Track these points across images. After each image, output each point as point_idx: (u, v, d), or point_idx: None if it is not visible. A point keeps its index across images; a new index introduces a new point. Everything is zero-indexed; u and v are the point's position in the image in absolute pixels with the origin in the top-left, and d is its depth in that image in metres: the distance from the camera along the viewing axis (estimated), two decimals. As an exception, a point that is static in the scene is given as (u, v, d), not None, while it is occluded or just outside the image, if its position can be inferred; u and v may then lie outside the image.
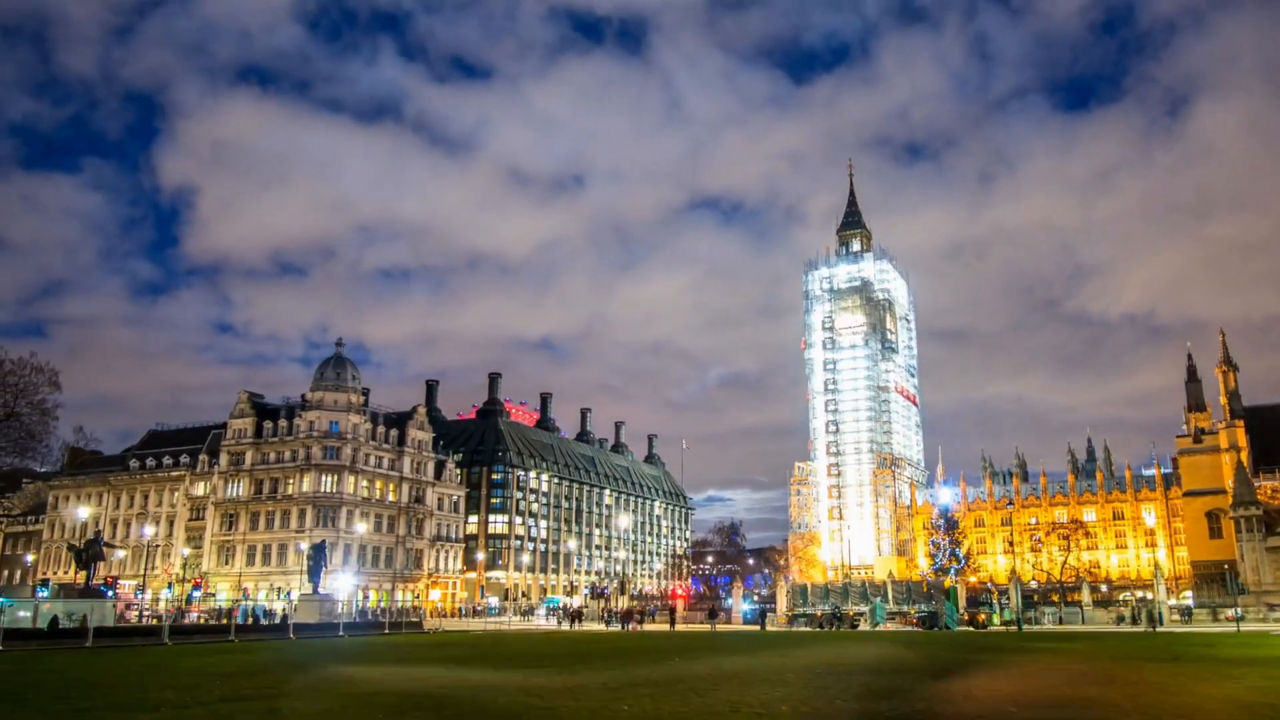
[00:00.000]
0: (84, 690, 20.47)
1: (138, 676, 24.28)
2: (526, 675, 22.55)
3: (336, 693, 19.13)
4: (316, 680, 22.26)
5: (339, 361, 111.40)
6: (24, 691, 20.06)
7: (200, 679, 22.82)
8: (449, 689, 19.27)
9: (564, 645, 40.48)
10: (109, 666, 28.55)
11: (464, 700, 17.12)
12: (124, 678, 24.36)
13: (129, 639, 43.23)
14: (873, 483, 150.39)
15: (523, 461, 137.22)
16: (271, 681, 21.96)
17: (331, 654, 34.13)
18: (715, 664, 26.32)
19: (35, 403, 51.76)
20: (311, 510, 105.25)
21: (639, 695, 17.14)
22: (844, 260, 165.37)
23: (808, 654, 31.01)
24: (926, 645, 38.39)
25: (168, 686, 20.49)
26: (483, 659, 30.91)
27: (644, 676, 21.32)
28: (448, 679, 22.07)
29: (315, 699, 17.93)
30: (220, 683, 21.66)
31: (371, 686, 20.36)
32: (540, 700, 16.80)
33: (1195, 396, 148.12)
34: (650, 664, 26.54)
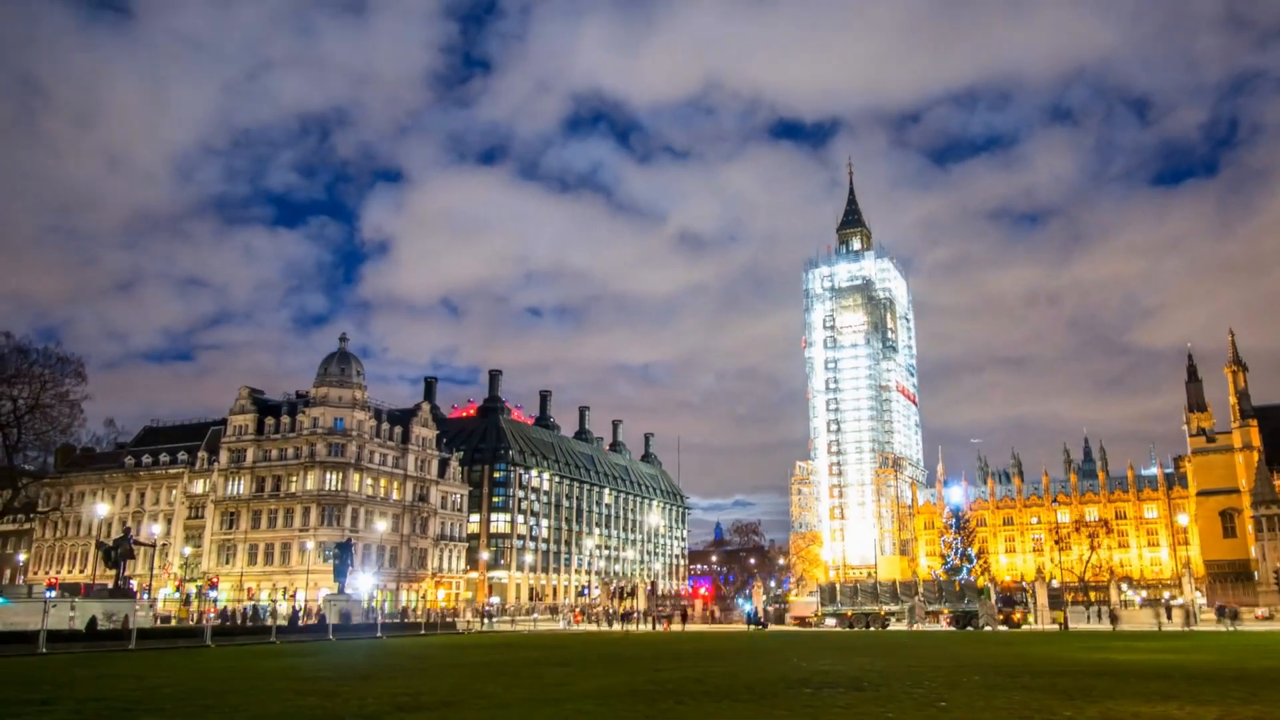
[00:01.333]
0: (215, 698, 18.87)
1: (246, 683, 22.68)
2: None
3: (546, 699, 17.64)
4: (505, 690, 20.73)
5: (343, 357, 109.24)
6: (157, 702, 18.44)
7: (322, 684, 21.28)
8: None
9: (669, 645, 39.09)
10: (193, 670, 26.89)
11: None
12: (229, 683, 22.75)
13: (171, 640, 41.41)
14: (875, 482, 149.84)
15: (524, 460, 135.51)
16: (440, 691, 20.43)
17: (416, 657, 32.55)
18: (864, 664, 25.04)
19: (60, 394, 49.67)
20: (316, 508, 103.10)
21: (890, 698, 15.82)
22: (844, 259, 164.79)
23: (933, 654, 29.77)
24: (1042, 644, 37.27)
25: (306, 693, 18.92)
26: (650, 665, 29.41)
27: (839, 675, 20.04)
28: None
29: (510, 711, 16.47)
30: (361, 688, 20.11)
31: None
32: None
33: (1196, 396, 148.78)
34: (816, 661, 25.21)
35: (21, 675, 25.93)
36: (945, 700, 15.31)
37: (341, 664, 27.76)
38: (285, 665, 26.83)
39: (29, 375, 48.18)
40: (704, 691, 17.65)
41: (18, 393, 47.78)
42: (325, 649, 37.35)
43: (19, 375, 48.11)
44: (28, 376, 48.14)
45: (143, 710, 16.46)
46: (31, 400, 48.21)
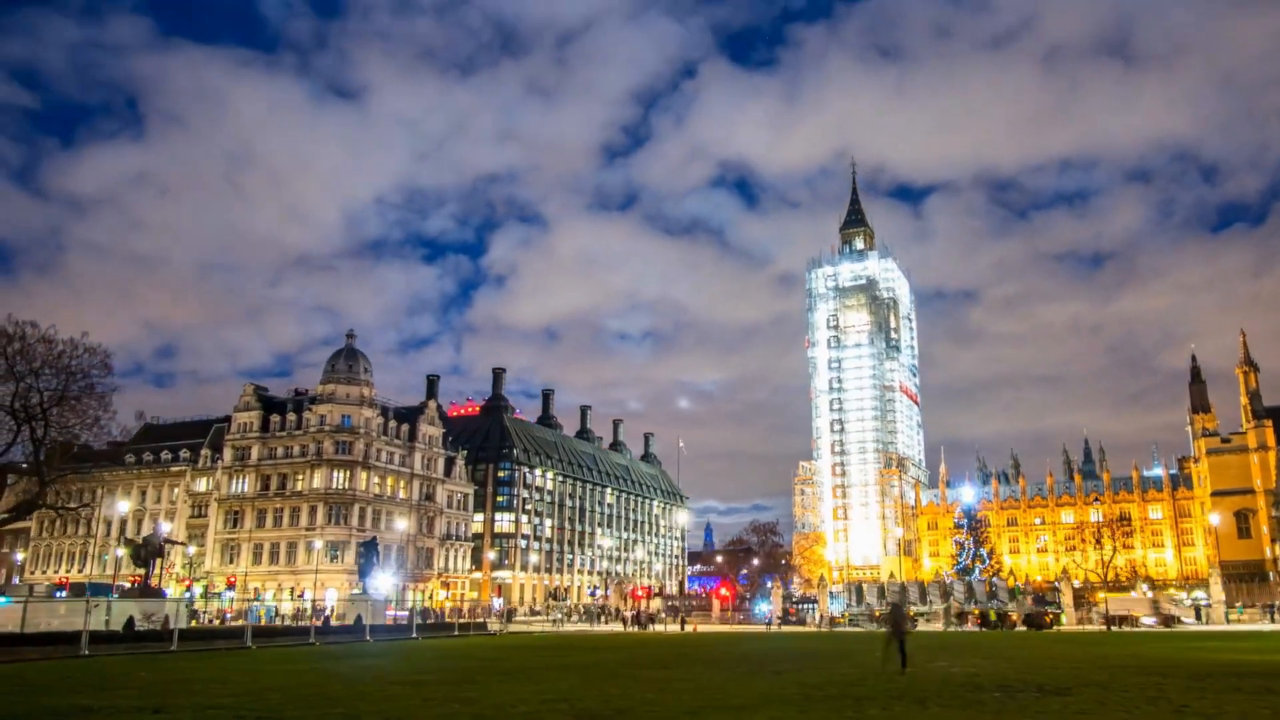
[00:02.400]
0: (335, 703, 17.41)
1: (345, 687, 21.21)
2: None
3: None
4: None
5: (350, 353, 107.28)
6: (278, 708, 16.97)
7: (435, 688, 19.84)
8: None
9: (732, 646, 37.76)
10: (270, 673, 25.37)
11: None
12: (325, 687, 21.29)
13: (211, 641, 39.74)
14: (879, 482, 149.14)
15: (528, 459, 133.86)
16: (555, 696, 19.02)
17: (489, 659, 31.07)
18: (1001, 667, 23.80)
19: (86, 387, 47.76)
20: (323, 507, 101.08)
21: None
22: (847, 258, 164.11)
23: (1041, 655, 28.58)
24: (1133, 644, 36.21)
25: (438, 700, 17.49)
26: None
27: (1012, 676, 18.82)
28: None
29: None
30: (492, 692, 18.68)
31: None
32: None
33: (1200, 397, 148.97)
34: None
35: (88, 678, 24.34)
36: (1188, 704, 14.07)
37: (423, 666, 26.35)
38: (361, 667, 25.44)
39: (55, 366, 46.35)
40: (888, 695, 16.35)
41: (44, 385, 45.93)
42: (376, 650, 35.91)
43: (45, 366, 46.25)
44: (54, 368, 46.30)
45: (278, 717, 15.01)
46: (58, 393, 46.37)
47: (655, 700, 16.49)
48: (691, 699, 16.70)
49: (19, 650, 32.61)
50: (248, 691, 19.96)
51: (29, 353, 45.94)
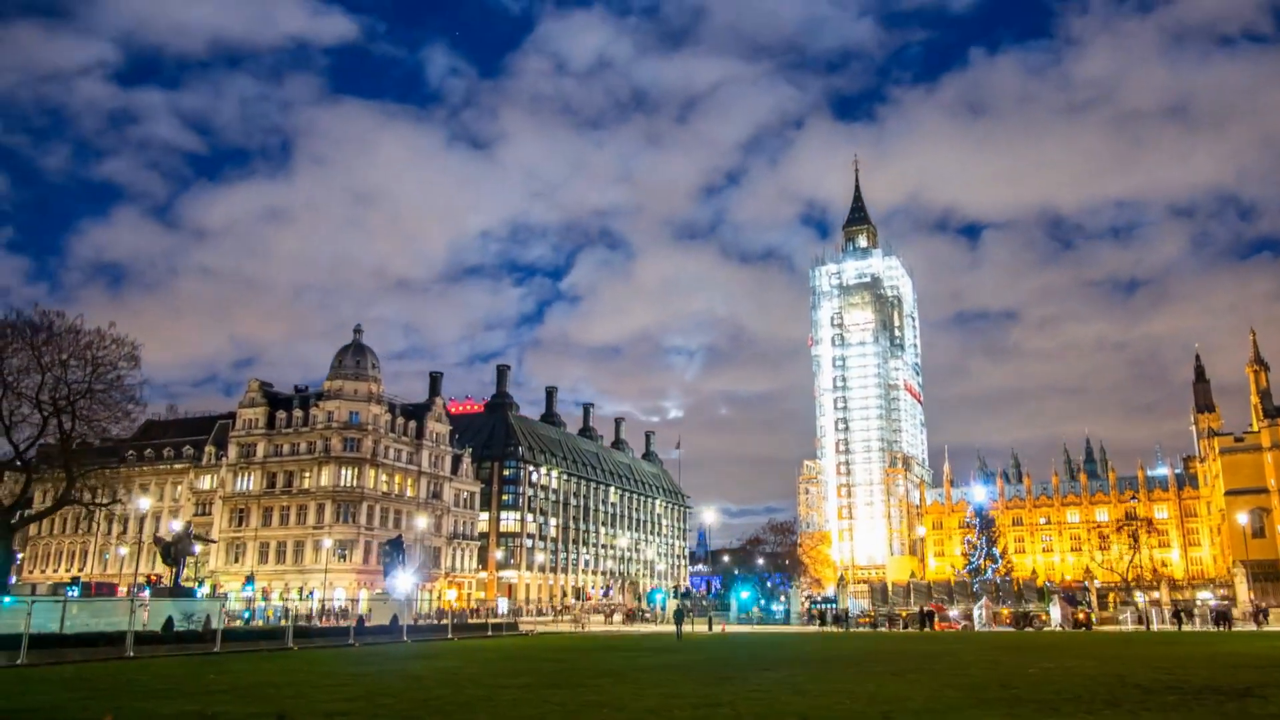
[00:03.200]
0: (469, 710, 16.30)
1: (447, 689, 20.08)
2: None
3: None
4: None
5: (358, 349, 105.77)
6: (402, 712, 15.84)
7: (535, 690, 18.72)
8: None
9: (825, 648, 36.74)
10: (340, 675, 24.20)
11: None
12: (426, 689, 20.15)
13: (254, 642, 38.45)
14: (884, 481, 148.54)
15: (534, 457, 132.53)
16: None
17: (554, 660, 29.93)
18: (1119, 669, 22.86)
19: (112, 380, 46.31)
20: (331, 505, 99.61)
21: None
22: (851, 256, 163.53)
23: (1128, 655, 27.70)
24: (1206, 644, 35.38)
25: (559, 703, 16.40)
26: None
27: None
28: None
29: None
30: (613, 692, 17.60)
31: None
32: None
33: (1204, 397, 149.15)
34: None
35: (156, 681, 23.11)
36: None
37: (505, 668, 25.20)
38: (439, 669, 24.35)
39: (82, 358, 44.90)
40: (1059, 697, 15.35)
41: (71, 376, 44.48)
42: (425, 651, 34.80)
43: (72, 357, 44.80)
44: (81, 359, 44.86)
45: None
46: (85, 384, 44.92)
47: (829, 705, 15.45)
48: (861, 703, 15.65)
49: (62, 651, 31.31)
50: (355, 696, 18.81)
51: (56, 343, 44.50)
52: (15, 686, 21.85)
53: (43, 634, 33.21)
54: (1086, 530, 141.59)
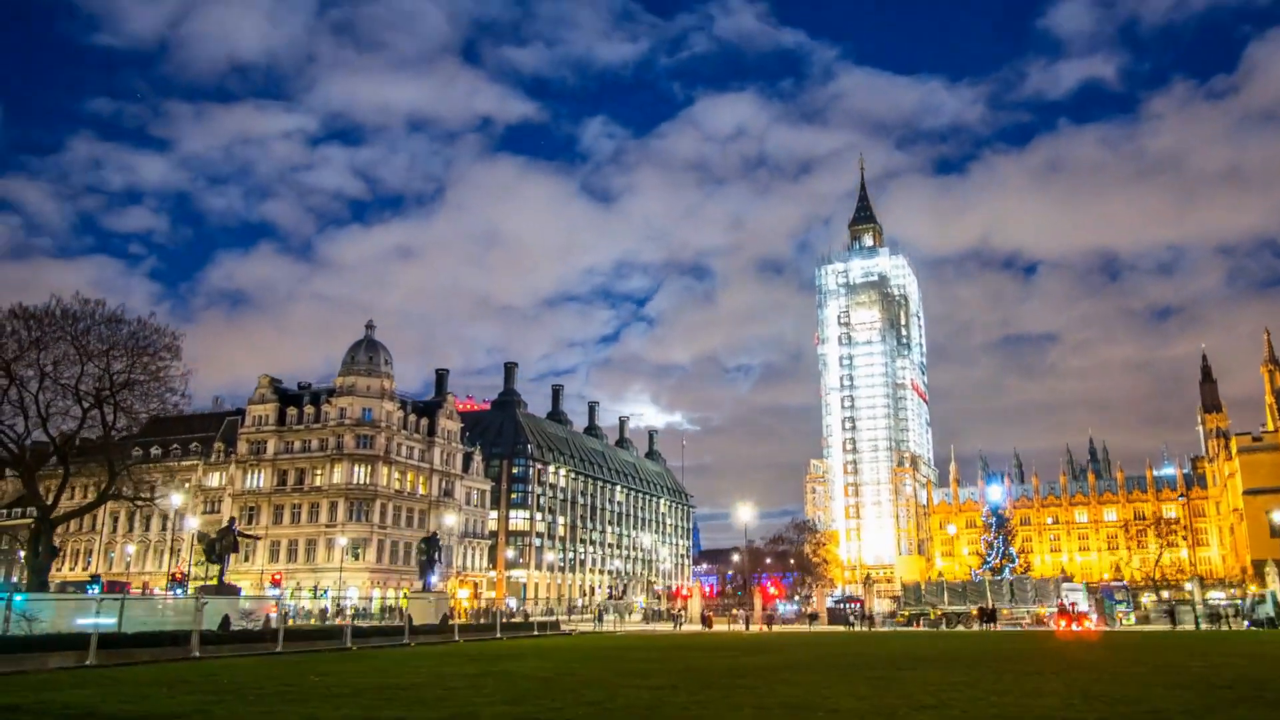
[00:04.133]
0: (642, 713, 15.18)
1: (605, 694, 18.93)
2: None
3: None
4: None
5: (371, 345, 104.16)
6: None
7: (679, 692, 17.60)
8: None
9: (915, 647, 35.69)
10: (441, 676, 23.00)
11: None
12: (579, 694, 19.00)
13: (312, 641, 37.13)
14: (892, 481, 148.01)
15: (542, 455, 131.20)
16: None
17: (646, 660, 28.79)
18: (1239, 665, 21.97)
19: (154, 371, 44.76)
20: (344, 503, 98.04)
21: None
22: (857, 255, 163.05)
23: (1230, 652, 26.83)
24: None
25: (733, 704, 15.29)
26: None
27: None
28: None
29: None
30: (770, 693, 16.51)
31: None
32: None
33: (1210, 397, 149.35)
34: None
35: (257, 682, 21.83)
36: None
37: (613, 669, 24.04)
38: (534, 669, 23.24)
39: (124, 348, 43.38)
40: (1264, 700, 14.36)
41: (111, 367, 42.93)
42: (484, 651, 33.63)
43: (114, 348, 43.26)
44: (121, 350, 43.34)
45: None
46: (124, 376, 43.42)
47: (1057, 706, 14.40)
48: (1049, 701, 14.61)
49: (129, 651, 29.90)
50: (513, 699, 17.65)
51: (98, 333, 42.98)
52: (125, 690, 20.54)
53: (105, 633, 31.83)
54: (1095, 530, 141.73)
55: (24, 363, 41.08)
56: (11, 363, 40.63)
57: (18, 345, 40.61)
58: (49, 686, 21.29)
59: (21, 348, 40.64)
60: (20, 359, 40.89)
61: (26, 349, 40.65)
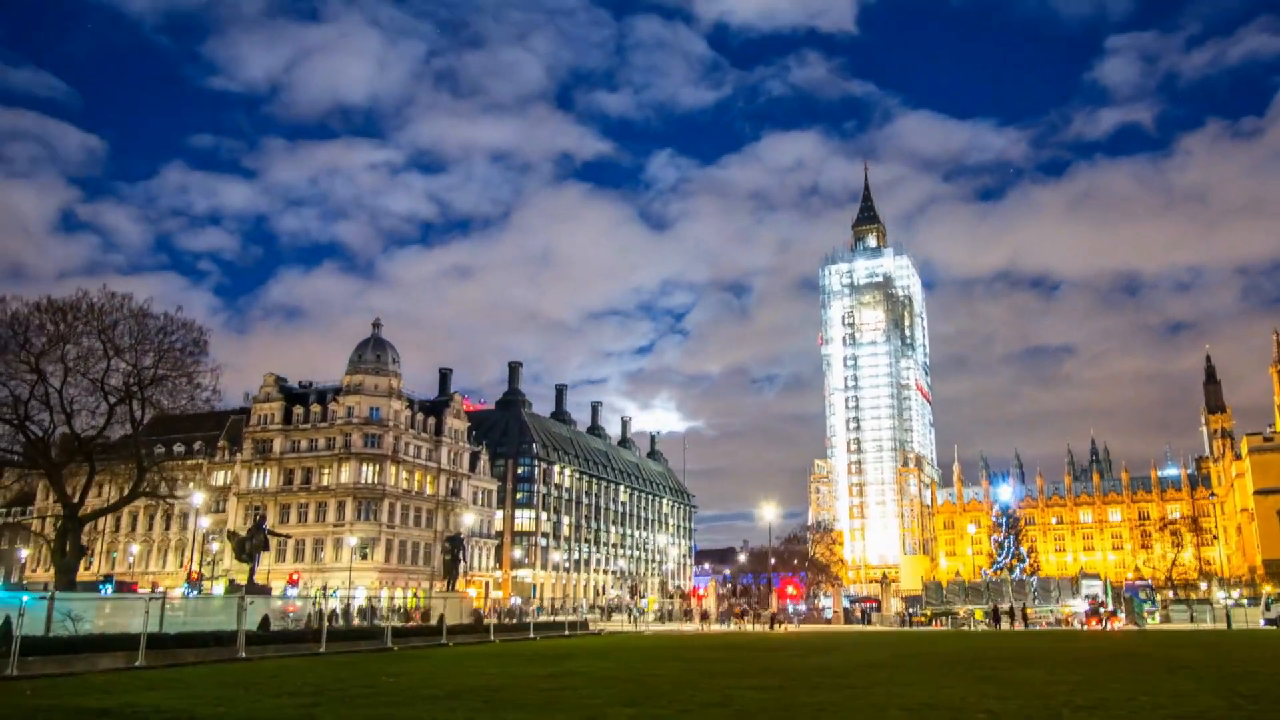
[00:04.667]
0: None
1: (708, 695, 18.11)
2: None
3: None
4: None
5: (378, 343, 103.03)
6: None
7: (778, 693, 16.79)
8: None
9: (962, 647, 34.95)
10: (511, 676, 22.14)
11: None
12: (673, 693, 18.17)
13: (354, 641, 36.18)
14: (897, 481, 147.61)
15: (547, 455, 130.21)
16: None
17: (713, 659, 27.93)
18: None
19: (180, 366, 43.68)
20: (352, 502, 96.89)
21: None
22: (861, 255, 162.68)
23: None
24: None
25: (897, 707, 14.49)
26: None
27: None
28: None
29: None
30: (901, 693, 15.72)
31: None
32: None
33: (1214, 398, 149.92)
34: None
35: (326, 684, 20.92)
36: None
37: (694, 670, 23.23)
38: (597, 669, 22.38)
39: (150, 344, 42.30)
40: None
41: (141, 362, 41.85)
42: (522, 651, 32.80)
43: (140, 342, 42.17)
44: (149, 345, 42.26)
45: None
46: (152, 372, 42.34)
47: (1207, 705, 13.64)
48: (1206, 700, 13.86)
49: (175, 653, 28.95)
50: (615, 702, 16.81)
51: (125, 327, 41.89)
52: (202, 692, 19.60)
53: (153, 634, 30.83)
54: (1099, 529, 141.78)
55: (50, 358, 39.99)
56: (39, 357, 39.53)
57: (45, 339, 39.52)
58: (118, 689, 20.35)
59: (50, 342, 39.57)
60: (47, 354, 39.80)
61: (55, 343, 39.57)
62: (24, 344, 39.09)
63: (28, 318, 39.86)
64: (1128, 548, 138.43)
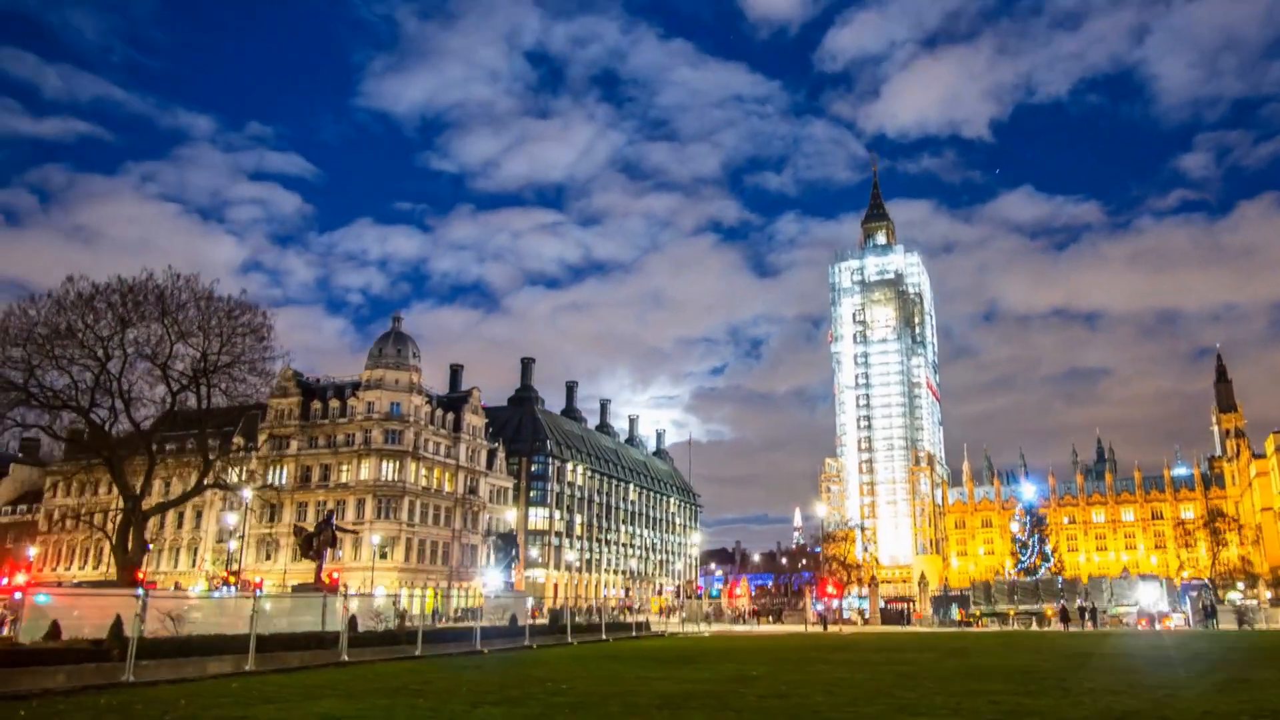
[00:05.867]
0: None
1: (931, 698, 16.62)
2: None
3: None
4: None
5: (399, 338, 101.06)
6: None
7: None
8: None
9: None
10: (692, 681, 20.61)
11: None
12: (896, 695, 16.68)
13: (444, 644, 34.51)
14: (909, 480, 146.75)
15: (560, 452, 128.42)
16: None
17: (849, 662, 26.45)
18: None
19: (238, 354, 41.78)
20: (372, 500, 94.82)
21: None
22: (871, 252, 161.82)
23: None
24: None
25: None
26: None
27: None
28: None
29: None
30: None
31: None
32: None
33: (1226, 397, 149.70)
34: None
35: (502, 691, 19.30)
36: None
37: (860, 676, 21.77)
38: (731, 674, 20.80)
39: (220, 329, 40.36)
40: None
41: (210, 347, 39.93)
42: (618, 651, 31.26)
43: (201, 327, 40.21)
44: (216, 330, 40.32)
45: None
46: (216, 358, 40.43)
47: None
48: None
49: (279, 655, 27.25)
50: (837, 704, 15.31)
51: (195, 309, 39.96)
52: (363, 702, 17.91)
53: (260, 636, 29.06)
54: (1112, 529, 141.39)
55: (115, 342, 38.04)
56: (106, 341, 37.58)
57: (117, 320, 37.54)
58: (266, 697, 18.66)
59: (122, 324, 37.62)
60: (112, 338, 37.85)
61: (126, 326, 37.62)
62: (90, 326, 37.18)
63: (92, 297, 37.88)
64: (1140, 548, 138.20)
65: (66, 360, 37.62)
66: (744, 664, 26.73)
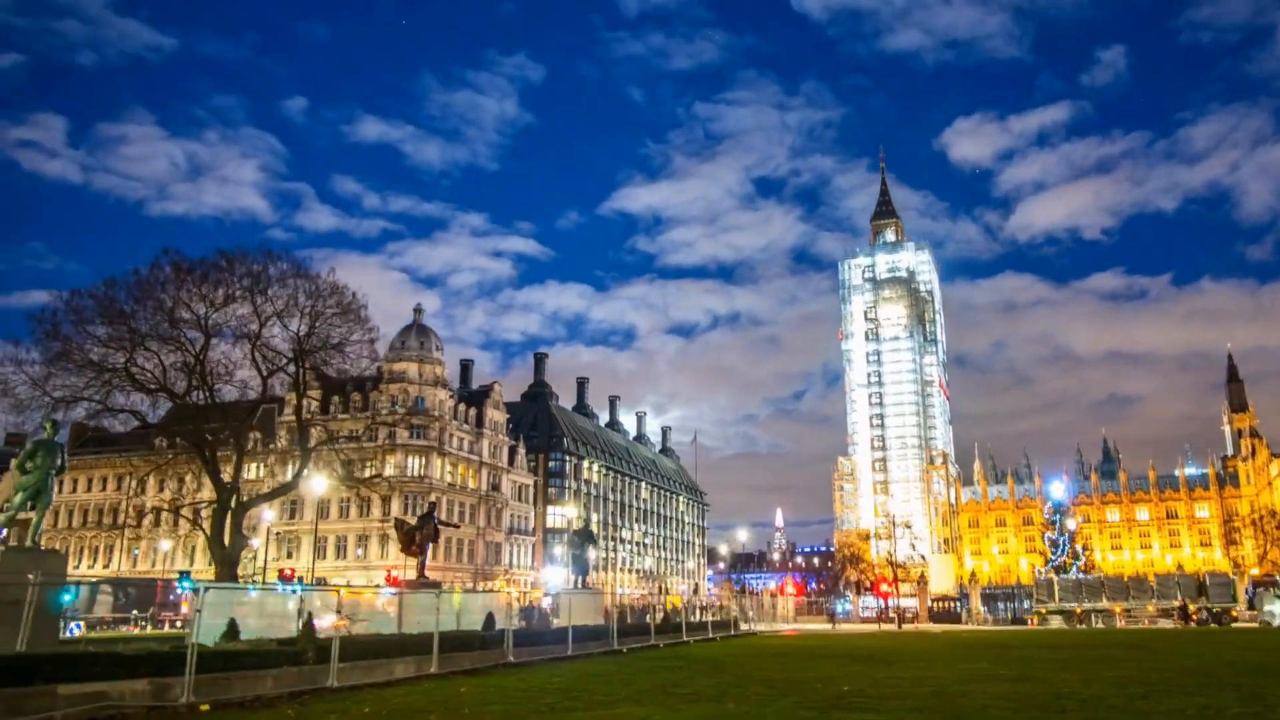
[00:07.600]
0: None
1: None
2: None
3: None
4: None
5: (421, 330, 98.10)
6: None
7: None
8: None
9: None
10: (932, 681, 18.42)
11: None
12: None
13: (586, 643, 32.06)
14: (924, 479, 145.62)
15: (577, 449, 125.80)
16: None
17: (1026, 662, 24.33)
18: None
19: (325, 336, 39.14)
20: (398, 496, 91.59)
21: None
22: (881, 249, 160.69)
23: None
24: None
25: None
26: None
27: None
28: None
29: None
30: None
31: None
32: None
33: (1237, 397, 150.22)
34: None
35: (732, 690, 16.97)
36: None
37: (1054, 681, 19.70)
38: (919, 676, 18.66)
39: (318, 309, 37.71)
40: None
41: (313, 327, 37.29)
42: (738, 651, 29.08)
43: (295, 306, 37.55)
44: (316, 310, 37.68)
45: None
46: (310, 340, 37.77)
47: None
48: None
49: (451, 656, 24.82)
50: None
51: (287, 287, 37.24)
52: (633, 711, 15.51)
53: (399, 634, 26.44)
54: (1127, 528, 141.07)
55: (210, 320, 35.26)
56: (204, 319, 34.80)
57: (220, 295, 34.77)
58: (515, 700, 16.21)
59: (215, 305, 34.86)
60: (208, 316, 35.08)
61: (223, 304, 34.88)
62: (186, 303, 34.38)
63: (189, 271, 35.06)
64: (1155, 547, 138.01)
65: (157, 341, 34.82)
66: (947, 664, 24.48)
